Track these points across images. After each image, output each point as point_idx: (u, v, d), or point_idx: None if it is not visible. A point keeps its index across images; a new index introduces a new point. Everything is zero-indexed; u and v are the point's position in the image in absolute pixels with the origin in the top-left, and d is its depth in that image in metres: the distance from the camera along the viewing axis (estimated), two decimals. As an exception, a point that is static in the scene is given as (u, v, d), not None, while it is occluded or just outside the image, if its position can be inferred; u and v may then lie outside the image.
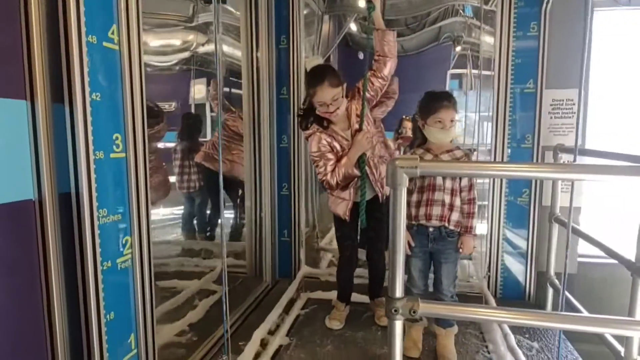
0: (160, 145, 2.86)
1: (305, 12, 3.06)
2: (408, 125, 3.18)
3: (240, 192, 2.90)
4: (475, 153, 2.57)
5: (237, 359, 1.71)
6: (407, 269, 1.85)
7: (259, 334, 1.91)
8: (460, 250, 1.78)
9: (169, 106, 2.91)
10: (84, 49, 1.09)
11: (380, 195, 2.03)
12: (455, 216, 1.75)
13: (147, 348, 1.42)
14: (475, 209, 1.76)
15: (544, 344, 2.05)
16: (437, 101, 1.74)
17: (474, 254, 2.79)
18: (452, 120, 1.73)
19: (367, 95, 1.91)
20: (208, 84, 2.85)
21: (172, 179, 2.86)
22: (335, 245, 2.26)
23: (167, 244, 2.82)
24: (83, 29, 1.08)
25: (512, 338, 1.93)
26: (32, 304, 1.11)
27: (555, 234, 2.27)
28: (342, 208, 2.04)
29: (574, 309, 2.07)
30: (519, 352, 1.84)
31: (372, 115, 2.02)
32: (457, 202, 1.75)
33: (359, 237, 2.16)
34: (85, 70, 1.10)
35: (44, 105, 1.08)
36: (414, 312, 1.07)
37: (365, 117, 1.92)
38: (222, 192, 1.64)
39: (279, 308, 2.18)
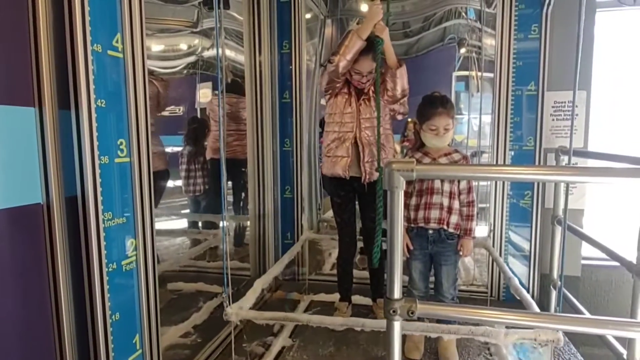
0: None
1: (308, 16, 3.10)
2: (413, 127, 3.20)
3: (244, 169, 2.92)
4: (484, 155, 2.57)
5: (240, 300, 1.68)
6: (408, 271, 1.87)
7: (260, 283, 1.88)
8: (460, 252, 1.79)
9: (179, 110, 2.97)
10: (90, 57, 1.12)
11: (363, 176, 2.02)
12: (454, 219, 1.76)
13: (152, 348, 1.45)
14: (474, 211, 1.77)
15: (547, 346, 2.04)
16: (431, 107, 1.75)
17: (478, 257, 2.80)
18: (446, 128, 1.74)
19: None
20: (214, 88, 2.89)
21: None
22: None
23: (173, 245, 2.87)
24: (88, 38, 1.12)
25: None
26: (40, 304, 1.14)
27: (558, 236, 2.27)
28: (341, 166, 2.02)
29: (577, 311, 2.06)
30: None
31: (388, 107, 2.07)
32: (456, 204, 1.76)
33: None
34: (91, 77, 1.13)
35: (51, 112, 1.11)
36: (412, 313, 1.08)
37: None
38: (224, 196, 1.68)
39: (281, 264, 2.19)
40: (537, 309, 1.63)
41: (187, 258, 2.81)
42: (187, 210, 3.01)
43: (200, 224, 3.10)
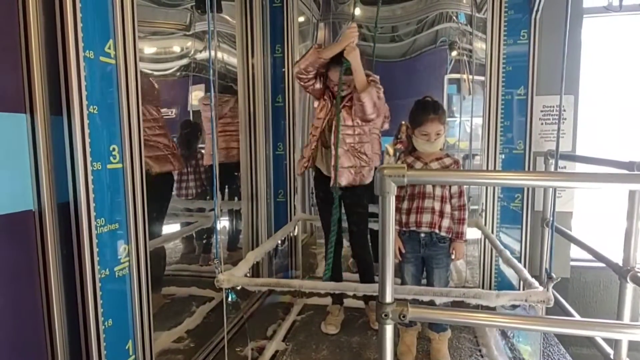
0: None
1: (300, 19, 3.11)
2: (406, 130, 3.22)
3: (236, 173, 2.91)
4: (476, 158, 2.60)
5: (231, 269, 1.66)
6: (400, 275, 1.88)
7: (252, 255, 1.86)
8: (452, 256, 1.81)
9: (171, 113, 2.94)
10: (82, 63, 1.12)
11: (332, 180, 1.99)
12: (445, 222, 1.78)
13: (145, 354, 1.44)
14: (466, 215, 1.79)
15: (537, 347, 2.07)
16: (423, 114, 1.77)
17: (470, 260, 2.83)
18: (437, 133, 1.76)
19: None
20: (206, 91, 2.88)
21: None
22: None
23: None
24: (80, 45, 1.11)
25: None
26: (32, 312, 1.14)
27: (547, 238, 2.30)
28: (301, 164, 2.18)
29: (566, 312, 2.09)
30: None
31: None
32: (448, 208, 1.78)
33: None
34: (83, 84, 1.13)
35: (42, 118, 1.11)
36: (404, 316, 1.09)
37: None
38: (217, 195, 1.68)
39: (274, 240, 2.23)
40: (529, 276, 1.65)
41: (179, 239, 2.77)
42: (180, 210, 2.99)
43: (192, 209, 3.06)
